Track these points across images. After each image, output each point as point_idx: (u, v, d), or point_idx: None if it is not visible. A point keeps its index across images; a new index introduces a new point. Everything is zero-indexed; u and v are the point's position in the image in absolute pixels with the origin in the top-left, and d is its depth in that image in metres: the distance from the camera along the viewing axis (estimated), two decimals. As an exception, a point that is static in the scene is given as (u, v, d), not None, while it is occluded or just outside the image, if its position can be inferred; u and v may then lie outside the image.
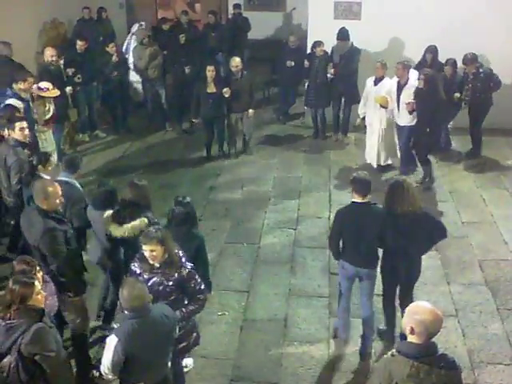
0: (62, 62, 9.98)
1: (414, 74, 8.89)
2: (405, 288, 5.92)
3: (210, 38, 12.73)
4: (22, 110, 7.95)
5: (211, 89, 9.72)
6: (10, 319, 4.18)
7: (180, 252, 4.95)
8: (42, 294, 4.40)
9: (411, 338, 3.66)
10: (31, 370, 4.20)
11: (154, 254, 4.75)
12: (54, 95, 8.80)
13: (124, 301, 4.23)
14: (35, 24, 12.00)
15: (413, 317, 3.64)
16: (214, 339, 6.14)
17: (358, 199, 5.63)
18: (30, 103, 8.60)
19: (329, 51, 10.39)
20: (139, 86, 12.04)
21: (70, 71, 9.97)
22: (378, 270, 5.85)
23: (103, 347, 4.39)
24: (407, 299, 5.71)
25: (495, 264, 7.35)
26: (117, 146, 10.66)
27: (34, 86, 8.63)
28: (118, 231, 5.67)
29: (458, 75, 9.59)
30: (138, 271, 4.91)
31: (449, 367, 3.63)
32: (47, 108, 8.82)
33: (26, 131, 7.02)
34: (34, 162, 6.60)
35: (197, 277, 4.93)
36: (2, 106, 7.88)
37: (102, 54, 10.79)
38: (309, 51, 10.69)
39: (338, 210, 5.92)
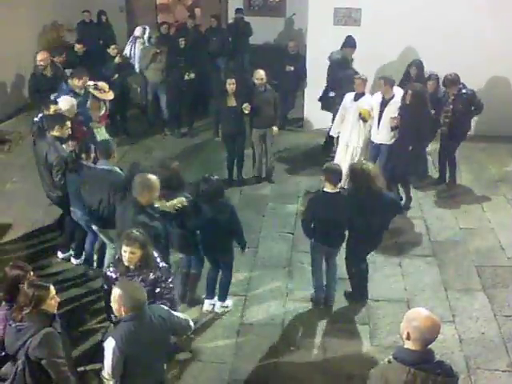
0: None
1: (398, 90, 8.53)
2: (366, 253, 6.72)
3: (211, 42, 12.75)
4: (75, 106, 8.04)
5: (231, 102, 9.05)
6: (21, 321, 4.20)
7: (154, 252, 5.02)
8: (57, 299, 4.41)
9: (408, 344, 3.66)
10: (37, 374, 4.21)
11: (133, 256, 4.81)
12: (107, 98, 8.90)
13: (121, 300, 4.22)
14: (35, 26, 12.03)
15: (410, 323, 3.65)
16: (210, 343, 6.15)
17: (328, 188, 6.14)
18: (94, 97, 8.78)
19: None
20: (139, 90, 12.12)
21: (69, 72, 9.94)
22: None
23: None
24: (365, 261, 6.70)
25: (492, 270, 7.36)
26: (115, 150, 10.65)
27: (91, 82, 8.74)
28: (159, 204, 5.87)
29: (439, 93, 9.14)
30: (114, 276, 4.94)
31: (446, 374, 3.63)
32: (101, 105, 9.03)
33: (65, 129, 7.10)
34: (77, 152, 6.79)
35: (169, 281, 5.02)
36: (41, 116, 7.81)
37: (102, 57, 10.81)
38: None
39: (310, 198, 6.58)
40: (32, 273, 4.78)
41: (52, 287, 4.38)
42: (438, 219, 8.49)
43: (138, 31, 12.18)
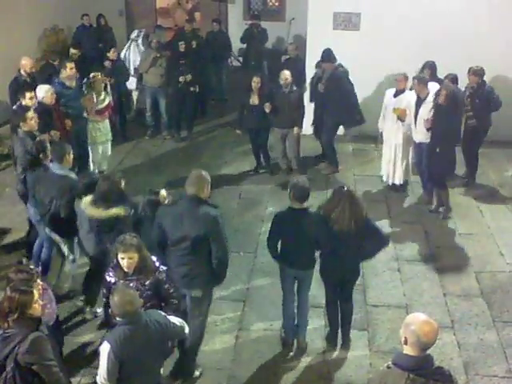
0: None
1: (435, 86, 8.47)
2: (343, 289, 6.04)
3: (213, 46, 12.77)
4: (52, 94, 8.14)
5: (254, 100, 9.44)
6: (7, 328, 4.15)
7: (153, 256, 5.01)
8: (40, 302, 4.37)
9: (406, 350, 3.65)
10: (29, 379, 4.15)
11: (131, 261, 4.80)
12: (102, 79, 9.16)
13: (115, 307, 4.23)
14: (35, 30, 12.04)
15: (407, 327, 3.64)
16: (208, 349, 6.12)
17: (296, 205, 5.72)
18: (87, 90, 9.09)
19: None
20: (135, 94, 12.14)
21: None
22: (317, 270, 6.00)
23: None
24: (345, 298, 6.06)
25: (491, 276, 7.35)
26: (114, 154, 10.62)
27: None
28: (96, 212, 5.80)
29: (457, 88, 9.07)
30: (113, 280, 4.93)
31: (444, 380, 3.62)
32: (102, 97, 9.20)
33: (31, 121, 7.15)
34: (33, 152, 6.74)
35: (170, 280, 5.02)
36: (16, 106, 8.00)
37: (101, 61, 10.80)
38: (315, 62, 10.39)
39: (276, 213, 6.02)
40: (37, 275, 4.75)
41: (35, 291, 4.32)
42: (436, 224, 8.48)
43: (133, 34, 12.27)
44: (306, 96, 10.31)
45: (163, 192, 6.05)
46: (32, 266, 4.89)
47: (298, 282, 6.06)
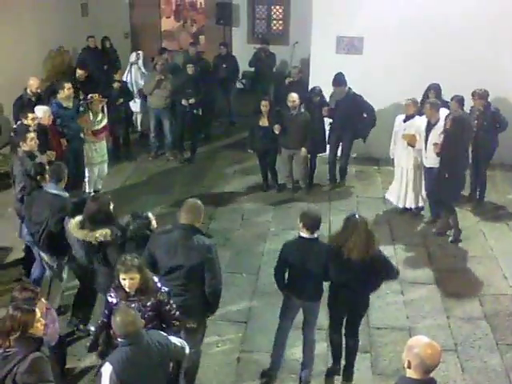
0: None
1: (444, 113, 8.46)
2: (350, 322, 5.85)
3: (220, 69, 12.86)
4: (49, 114, 8.40)
5: (264, 122, 9.67)
6: (8, 347, 4.12)
7: (155, 277, 4.99)
8: (42, 322, 4.35)
9: (409, 373, 3.63)
10: None
11: (133, 281, 4.78)
12: (99, 101, 9.25)
13: (117, 327, 4.20)
14: (41, 51, 12.16)
15: (410, 350, 3.62)
16: (209, 370, 6.08)
17: (305, 234, 5.55)
18: (83, 111, 9.18)
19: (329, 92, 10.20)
20: (139, 116, 12.28)
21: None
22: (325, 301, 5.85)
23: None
24: (353, 333, 5.86)
25: (495, 299, 7.32)
26: (117, 174, 10.69)
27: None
28: (82, 234, 5.81)
29: (465, 113, 9.08)
30: (115, 301, 4.91)
31: None
32: (99, 118, 9.26)
33: (31, 141, 7.24)
34: (32, 174, 6.77)
35: (172, 302, 4.97)
36: (17, 125, 8.14)
37: (106, 83, 10.88)
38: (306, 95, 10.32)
39: (285, 242, 5.83)
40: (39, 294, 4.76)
41: (37, 310, 4.30)
42: (440, 247, 8.46)
43: (132, 57, 12.33)
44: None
45: (150, 215, 6.02)
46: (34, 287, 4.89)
47: (304, 315, 5.91)
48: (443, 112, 8.50)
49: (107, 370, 4.15)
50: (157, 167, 11.22)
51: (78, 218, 5.90)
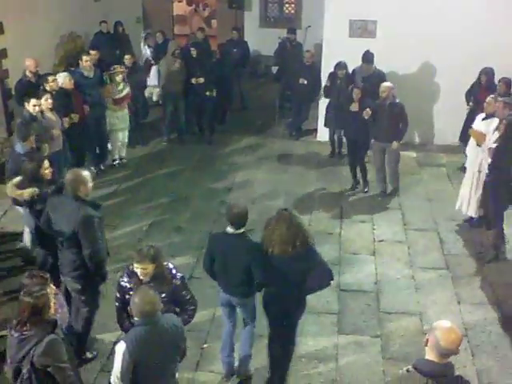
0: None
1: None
2: (287, 324, 5.55)
3: (232, 53, 12.83)
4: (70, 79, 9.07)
5: (354, 107, 9.14)
6: (23, 331, 4.20)
7: (170, 264, 5.02)
8: (53, 305, 4.42)
9: (427, 354, 3.67)
10: (44, 381, 4.22)
11: (146, 271, 4.81)
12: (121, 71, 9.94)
13: (135, 306, 4.26)
14: (53, 37, 12.17)
15: (432, 330, 3.69)
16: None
17: (230, 229, 5.31)
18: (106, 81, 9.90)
19: (350, 71, 10.36)
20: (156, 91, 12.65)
21: None
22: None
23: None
24: (288, 339, 5.60)
25: (505, 285, 7.28)
26: (131, 160, 10.75)
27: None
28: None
29: None
30: (129, 286, 4.94)
31: None
32: (120, 88, 9.92)
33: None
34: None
35: (188, 287, 5.03)
36: (19, 121, 8.12)
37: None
38: (331, 70, 10.47)
39: (212, 235, 5.79)
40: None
41: (49, 292, 4.37)
42: (451, 232, 8.43)
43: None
44: (322, 105, 10.32)
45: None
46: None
47: (240, 310, 5.72)
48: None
49: (121, 347, 4.22)
50: (169, 152, 11.24)
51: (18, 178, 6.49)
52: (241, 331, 5.84)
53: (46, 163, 6.51)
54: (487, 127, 7.76)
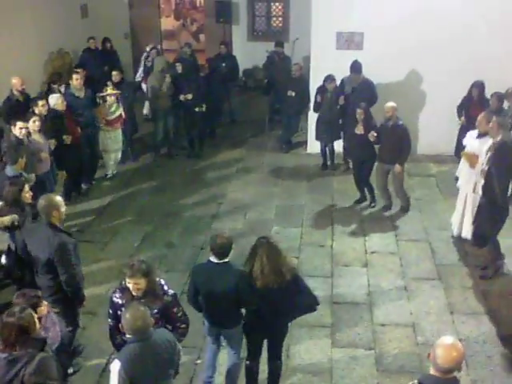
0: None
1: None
2: (271, 346, 5.59)
3: (220, 68, 12.84)
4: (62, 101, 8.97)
5: (359, 130, 9.00)
6: (12, 351, 4.14)
7: (161, 280, 5.00)
8: (37, 322, 4.37)
9: (431, 369, 3.69)
10: None
11: (138, 286, 4.79)
12: (113, 92, 9.99)
13: (127, 322, 4.24)
14: (41, 54, 12.17)
15: (434, 346, 3.72)
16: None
17: (214, 259, 5.21)
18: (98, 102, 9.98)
19: (337, 82, 10.40)
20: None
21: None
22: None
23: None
24: (275, 356, 5.60)
25: (498, 294, 7.29)
26: (121, 175, 10.72)
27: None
28: None
29: (503, 111, 8.73)
30: (120, 302, 4.91)
31: None
32: (112, 109, 9.96)
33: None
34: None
35: (179, 304, 4.99)
36: (7, 145, 8.06)
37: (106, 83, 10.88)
38: (319, 82, 10.51)
39: (195, 266, 5.67)
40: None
41: (32, 312, 4.32)
42: (443, 242, 8.44)
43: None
44: (311, 117, 10.35)
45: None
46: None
47: (226, 340, 5.63)
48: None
49: (116, 366, 4.20)
50: (159, 167, 11.23)
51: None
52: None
53: (27, 187, 6.59)
54: (481, 146, 7.56)
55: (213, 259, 5.21)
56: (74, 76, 9.75)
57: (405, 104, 9.54)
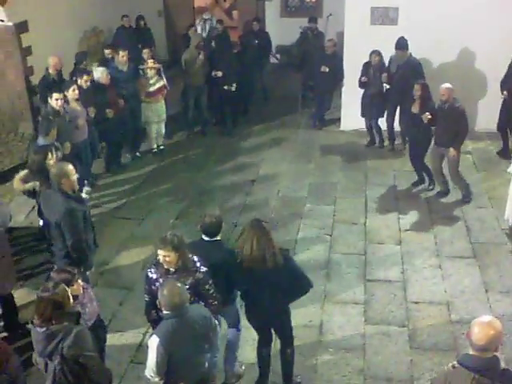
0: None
1: None
2: (278, 332, 5.56)
3: (253, 45, 12.74)
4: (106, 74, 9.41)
5: (415, 108, 8.65)
6: (49, 326, 4.27)
7: (194, 257, 5.02)
8: (71, 297, 4.48)
9: (470, 350, 3.66)
10: (76, 371, 4.28)
11: (167, 259, 4.84)
12: (154, 66, 10.22)
13: (164, 298, 4.32)
14: (76, 32, 12.28)
15: (472, 323, 3.70)
16: (245, 344, 6.09)
17: (206, 238, 5.30)
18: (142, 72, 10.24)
19: (386, 60, 10.24)
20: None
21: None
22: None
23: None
24: (285, 342, 5.55)
25: (535, 272, 7.22)
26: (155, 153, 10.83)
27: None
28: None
29: None
30: (155, 277, 4.98)
31: (510, 383, 3.59)
32: (152, 81, 10.16)
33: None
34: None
35: (210, 281, 4.97)
36: (41, 116, 8.40)
37: (140, 61, 10.94)
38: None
39: (190, 242, 5.45)
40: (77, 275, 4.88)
41: (65, 287, 4.42)
42: (478, 220, 8.36)
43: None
44: (345, 94, 10.17)
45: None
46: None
47: (223, 317, 5.60)
48: None
49: (154, 342, 4.30)
50: (192, 143, 11.28)
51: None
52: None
53: (50, 155, 6.79)
54: None
55: (204, 237, 5.33)
56: (121, 53, 10.05)
57: (440, 80, 9.35)
